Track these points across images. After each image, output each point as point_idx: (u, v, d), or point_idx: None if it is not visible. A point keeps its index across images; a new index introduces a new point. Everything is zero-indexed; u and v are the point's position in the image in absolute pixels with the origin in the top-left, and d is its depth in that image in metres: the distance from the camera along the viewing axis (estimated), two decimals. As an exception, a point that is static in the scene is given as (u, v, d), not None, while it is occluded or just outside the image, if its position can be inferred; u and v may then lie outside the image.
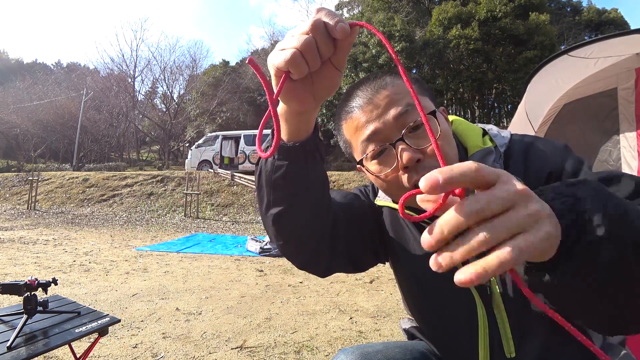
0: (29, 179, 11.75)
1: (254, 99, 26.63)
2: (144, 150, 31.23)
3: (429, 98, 0.64)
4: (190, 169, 15.10)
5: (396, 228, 0.73)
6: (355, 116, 0.63)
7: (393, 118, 0.59)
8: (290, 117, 0.50)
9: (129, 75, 28.37)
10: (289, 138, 0.52)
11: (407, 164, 0.57)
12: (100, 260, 4.65)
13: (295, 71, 0.38)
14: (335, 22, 0.37)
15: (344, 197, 0.75)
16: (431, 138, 0.34)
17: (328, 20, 0.38)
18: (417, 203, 0.32)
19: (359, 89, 0.64)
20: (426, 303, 0.72)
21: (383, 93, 0.61)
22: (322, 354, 2.13)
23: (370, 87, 0.63)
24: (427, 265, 0.31)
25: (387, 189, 0.65)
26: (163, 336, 2.34)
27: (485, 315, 0.62)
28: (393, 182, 0.61)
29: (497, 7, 17.53)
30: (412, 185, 0.59)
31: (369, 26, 0.39)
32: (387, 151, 0.61)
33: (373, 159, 0.62)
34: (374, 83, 0.63)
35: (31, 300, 1.34)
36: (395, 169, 0.60)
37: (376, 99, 0.61)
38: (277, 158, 0.53)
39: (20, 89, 27.15)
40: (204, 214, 10.34)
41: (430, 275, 0.66)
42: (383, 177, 0.62)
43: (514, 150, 0.65)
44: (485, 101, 21.75)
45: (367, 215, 0.75)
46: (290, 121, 0.50)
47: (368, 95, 0.62)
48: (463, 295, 0.64)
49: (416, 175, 0.58)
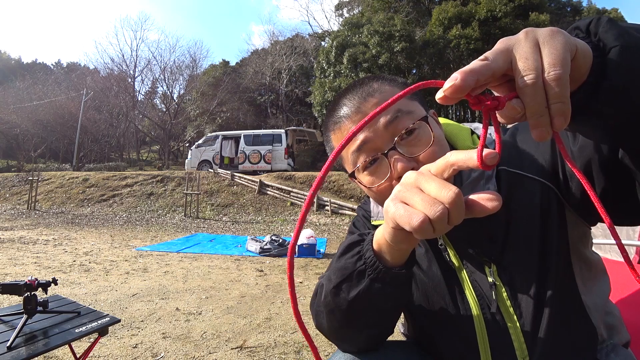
0: (29, 179, 11.74)
1: (254, 99, 26.65)
2: (144, 150, 31.23)
3: (418, 103, 0.62)
4: (190, 169, 15.09)
5: None
6: (344, 126, 0.61)
7: (383, 126, 0.57)
8: (400, 254, 0.50)
9: (129, 75, 28.40)
10: (395, 265, 0.52)
11: (402, 174, 0.55)
12: (100, 260, 4.65)
13: (420, 236, 0.36)
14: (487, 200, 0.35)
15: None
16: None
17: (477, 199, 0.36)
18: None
19: (346, 97, 0.62)
20: (421, 318, 0.69)
21: (371, 101, 0.59)
22: (322, 354, 2.12)
23: (357, 95, 0.60)
24: (422, 278, 0.32)
25: (380, 200, 0.63)
26: (163, 336, 2.34)
27: (484, 325, 0.61)
28: (386, 192, 0.59)
29: (497, 7, 17.54)
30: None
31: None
32: (379, 161, 0.59)
33: (365, 169, 0.60)
34: (360, 90, 0.61)
35: (31, 300, 1.34)
36: (388, 179, 0.58)
37: (364, 107, 0.59)
38: (389, 284, 0.53)
39: (20, 89, 27.13)
40: (204, 214, 10.34)
41: (425, 288, 0.67)
42: (375, 189, 0.60)
43: (504, 144, 0.64)
44: (485, 101, 21.75)
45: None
46: (398, 256, 0.51)
47: (355, 104, 0.60)
48: (459, 307, 0.63)
49: None
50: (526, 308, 0.58)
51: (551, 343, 0.57)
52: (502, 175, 0.61)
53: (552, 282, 0.58)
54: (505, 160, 0.62)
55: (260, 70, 26.14)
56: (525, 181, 0.60)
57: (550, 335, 0.58)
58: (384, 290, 0.52)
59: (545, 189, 0.59)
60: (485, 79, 0.32)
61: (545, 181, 0.59)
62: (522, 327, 0.58)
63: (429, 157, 0.56)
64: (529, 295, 0.58)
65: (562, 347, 0.58)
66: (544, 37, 0.32)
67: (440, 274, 0.65)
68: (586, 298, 0.61)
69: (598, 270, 0.67)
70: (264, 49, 29.73)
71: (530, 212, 0.59)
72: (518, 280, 0.59)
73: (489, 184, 0.60)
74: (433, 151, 0.57)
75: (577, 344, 0.59)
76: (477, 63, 0.32)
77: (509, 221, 0.60)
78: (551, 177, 0.59)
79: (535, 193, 0.59)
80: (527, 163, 0.61)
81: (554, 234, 0.58)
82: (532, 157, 0.61)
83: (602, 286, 0.66)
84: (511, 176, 0.61)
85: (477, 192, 0.59)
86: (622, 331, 0.69)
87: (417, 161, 0.56)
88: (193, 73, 28.99)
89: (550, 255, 0.58)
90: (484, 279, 0.61)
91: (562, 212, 0.59)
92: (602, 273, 0.68)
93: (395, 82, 0.63)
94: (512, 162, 0.62)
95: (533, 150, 0.62)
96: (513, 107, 0.32)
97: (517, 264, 0.59)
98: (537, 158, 0.61)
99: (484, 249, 0.61)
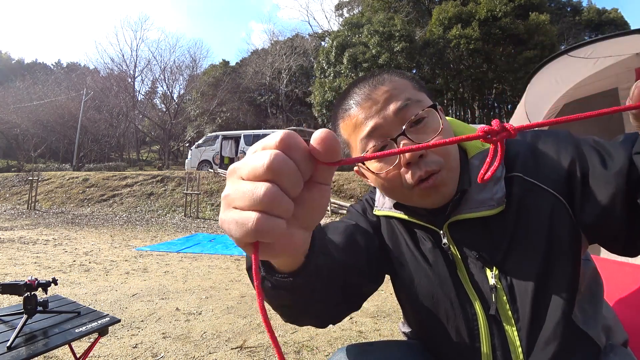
0: (29, 179, 11.74)
1: (254, 99, 26.66)
2: (144, 150, 31.23)
3: (426, 95, 0.63)
4: (190, 169, 15.09)
5: (393, 239, 0.72)
6: (353, 113, 0.61)
7: (393, 113, 0.58)
8: (281, 261, 0.43)
9: (129, 75, 28.37)
10: (284, 270, 0.44)
11: (410, 160, 0.56)
12: (100, 260, 4.65)
13: (268, 239, 0.27)
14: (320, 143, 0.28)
15: (344, 236, 0.66)
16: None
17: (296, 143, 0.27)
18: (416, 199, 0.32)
19: (356, 86, 0.63)
20: (423, 316, 0.68)
21: (381, 89, 0.60)
22: (322, 354, 2.12)
23: (367, 84, 0.62)
24: (422, 277, 0.31)
25: (388, 188, 0.63)
26: (163, 336, 2.34)
27: (487, 325, 0.61)
28: (394, 179, 0.60)
29: (497, 7, 17.55)
30: (416, 182, 0.57)
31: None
32: (388, 147, 0.59)
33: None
34: (371, 80, 0.62)
35: (31, 300, 1.34)
36: (397, 166, 0.58)
37: (374, 94, 0.60)
38: (278, 287, 0.46)
39: (20, 89, 27.12)
40: (204, 214, 10.33)
41: (426, 287, 0.67)
42: (384, 176, 0.60)
43: (518, 150, 0.64)
44: (485, 101, 21.77)
45: (372, 246, 0.70)
46: (281, 262, 0.43)
47: (366, 92, 0.61)
48: (463, 306, 0.62)
49: (419, 170, 0.57)
50: (523, 313, 0.59)
51: (548, 352, 0.57)
52: (516, 181, 0.61)
53: (553, 291, 0.58)
54: (521, 167, 0.62)
55: (260, 70, 26.16)
56: (539, 191, 0.60)
57: (548, 344, 0.58)
58: (276, 290, 0.46)
59: (557, 202, 0.59)
60: None
61: (558, 195, 0.59)
62: (519, 331, 0.59)
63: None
64: (528, 302, 0.58)
65: (560, 357, 0.58)
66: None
67: (446, 271, 0.65)
68: (586, 310, 0.61)
69: (592, 278, 0.66)
70: (264, 49, 29.76)
71: (539, 221, 0.59)
72: (518, 285, 0.59)
73: (497, 186, 0.60)
74: (441, 139, 0.57)
75: (577, 357, 0.59)
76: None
77: (516, 227, 0.60)
78: (565, 192, 0.59)
79: (547, 204, 0.59)
80: (543, 174, 0.61)
81: (561, 247, 0.58)
82: (549, 168, 0.61)
83: (598, 293, 0.66)
84: (526, 184, 0.61)
85: (486, 193, 0.60)
86: (618, 330, 0.69)
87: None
88: (193, 73, 29.01)
89: (554, 265, 0.58)
90: (485, 281, 0.61)
91: (574, 228, 0.59)
92: (596, 280, 0.68)
93: (404, 74, 0.65)
94: (529, 171, 0.61)
95: (551, 162, 0.61)
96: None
97: (519, 270, 0.59)
98: (554, 170, 0.60)
99: (487, 251, 0.61)
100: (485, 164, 0.35)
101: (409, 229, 0.69)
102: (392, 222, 0.72)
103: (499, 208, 0.60)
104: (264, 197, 0.26)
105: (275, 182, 0.26)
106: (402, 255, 0.70)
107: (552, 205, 0.59)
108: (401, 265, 0.70)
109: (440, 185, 0.58)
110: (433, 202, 0.61)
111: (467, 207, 0.61)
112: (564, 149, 0.61)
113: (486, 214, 0.60)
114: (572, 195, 0.59)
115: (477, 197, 0.61)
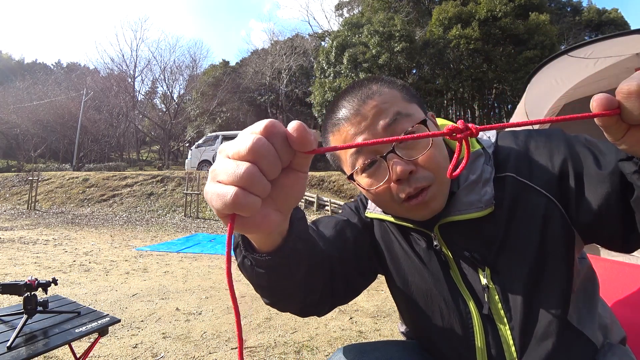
0: (29, 179, 11.75)
1: (254, 99, 26.63)
2: (144, 150, 31.23)
3: (417, 105, 0.62)
4: (190, 169, 15.09)
5: (386, 240, 0.72)
6: (342, 129, 0.60)
7: (382, 129, 0.57)
8: (258, 238, 0.45)
9: (129, 75, 28.36)
10: (262, 249, 0.46)
11: (400, 177, 0.56)
12: (100, 260, 4.66)
13: (244, 213, 0.30)
14: (295, 130, 0.30)
15: (334, 229, 0.70)
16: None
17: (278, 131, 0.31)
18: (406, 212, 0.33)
19: (345, 99, 0.62)
20: (419, 315, 0.69)
21: (370, 103, 0.58)
22: (322, 354, 2.12)
23: (356, 97, 0.60)
24: (416, 277, 0.32)
25: (378, 202, 0.63)
26: (163, 336, 2.34)
27: (482, 324, 0.61)
28: (384, 194, 0.60)
29: (497, 7, 17.53)
30: (405, 198, 0.58)
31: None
32: (378, 163, 0.59)
33: (363, 171, 0.60)
34: (360, 92, 0.60)
35: (31, 300, 1.34)
36: (387, 182, 0.58)
37: (363, 109, 0.58)
38: (256, 265, 0.48)
39: (20, 89, 27.11)
40: (204, 214, 10.33)
41: (420, 286, 0.67)
42: (374, 191, 0.60)
43: (511, 150, 0.64)
44: (485, 101, 21.75)
45: (361, 241, 0.71)
46: (260, 240, 0.45)
47: (355, 106, 0.59)
48: (457, 305, 0.63)
49: (408, 187, 0.57)
50: (515, 312, 0.59)
51: (542, 350, 0.58)
52: (508, 181, 0.61)
53: (546, 291, 0.58)
54: (514, 168, 0.62)
55: (260, 70, 26.13)
56: (532, 192, 0.60)
57: (542, 342, 0.58)
58: (254, 270, 0.48)
59: (550, 203, 0.59)
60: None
61: (550, 196, 0.59)
62: (512, 329, 0.59)
63: (427, 160, 0.57)
64: (520, 301, 0.58)
65: (555, 356, 0.58)
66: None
67: (439, 271, 0.65)
68: (581, 309, 0.61)
69: (587, 277, 0.66)
70: (263, 49, 29.72)
71: (531, 221, 0.59)
72: (510, 285, 0.59)
73: (486, 187, 0.60)
74: (431, 154, 0.57)
75: (572, 356, 0.59)
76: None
77: (508, 227, 0.60)
78: (558, 193, 0.59)
79: (540, 205, 0.59)
80: (536, 174, 0.61)
81: (554, 247, 0.58)
82: (542, 169, 0.61)
83: (594, 293, 0.66)
84: (518, 184, 0.61)
85: (474, 195, 0.60)
86: (615, 328, 0.69)
87: (415, 164, 0.56)
88: (193, 73, 28.99)
89: (547, 265, 0.58)
90: (477, 281, 0.62)
91: (568, 229, 0.59)
92: (591, 279, 0.68)
93: (394, 84, 0.63)
94: (521, 171, 0.61)
95: (544, 162, 0.61)
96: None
97: (511, 270, 0.59)
98: (547, 171, 0.60)
99: (479, 252, 0.61)
100: (454, 159, 0.37)
101: (403, 230, 0.70)
102: (384, 224, 0.72)
103: (487, 210, 0.59)
104: (243, 175, 0.29)
105: (255, 163, 0.29)
106: (396, 255, 0.70)
107: (544, 206, 0.59)
108: (395, 264, 0.70)
109: (430, 201, 0.58)
110: (423, 216, 0.61)
111: (456, 209, 0.61)
112: (556, 149, 0.61)
113: (475, 216, 0.60)
114: (566, 196, 0.59)
115: (465, 199, 0.61)
